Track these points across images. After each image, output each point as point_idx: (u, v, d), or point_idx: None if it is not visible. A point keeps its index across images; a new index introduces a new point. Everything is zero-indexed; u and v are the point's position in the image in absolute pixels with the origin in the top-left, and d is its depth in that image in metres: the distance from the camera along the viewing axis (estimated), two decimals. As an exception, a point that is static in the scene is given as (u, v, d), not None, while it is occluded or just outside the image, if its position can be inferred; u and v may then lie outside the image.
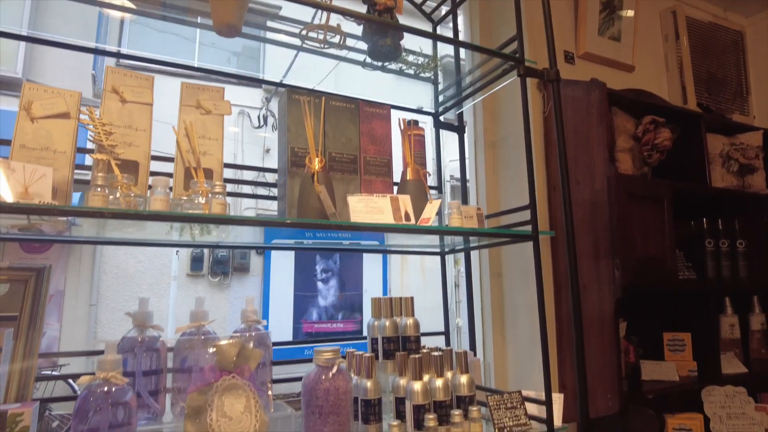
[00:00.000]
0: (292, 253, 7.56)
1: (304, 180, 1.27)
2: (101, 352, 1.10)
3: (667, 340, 1.86)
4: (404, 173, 1.43)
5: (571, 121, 1.75)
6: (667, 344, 1.86)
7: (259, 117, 7.67)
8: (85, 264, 6.77)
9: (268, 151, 7.74)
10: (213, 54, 7.79)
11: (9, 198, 0.95)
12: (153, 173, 1.29)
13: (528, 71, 1.51)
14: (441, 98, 1.90)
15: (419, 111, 1.84)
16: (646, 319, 1.92)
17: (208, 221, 1.04)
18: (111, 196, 1.01)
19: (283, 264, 7.53)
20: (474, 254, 1.95)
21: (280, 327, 7.25)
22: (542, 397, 1.41)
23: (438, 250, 1.79)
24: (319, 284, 7.70)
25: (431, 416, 1.25)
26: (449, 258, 1.85)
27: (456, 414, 1.28)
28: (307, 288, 7.59)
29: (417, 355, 1.34)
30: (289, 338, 7.39)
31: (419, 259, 8.04)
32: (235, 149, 7.54)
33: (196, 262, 6.94)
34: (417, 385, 1.30)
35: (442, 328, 1.82)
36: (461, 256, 1.99)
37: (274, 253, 7.45)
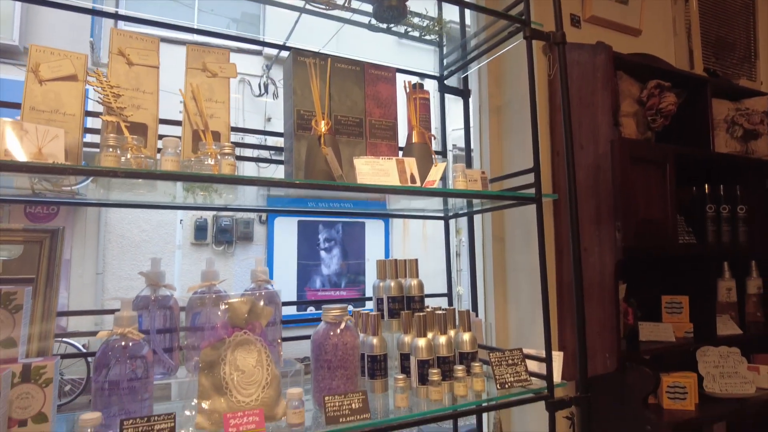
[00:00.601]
0: (295, 223, 7.62)
1: (311, 143, 1.28)
2: (114, 311, 1.14)
3: (665, 303, 1.91)
4: (409, 136, 1.44)
5: (576, 85, 1.74)
6: (665, 307, 1.90)
7: (260, 85, 7.60)
8: (90, 234, 6.83)
9: (269, 119, 7.70)
10: (212, 20, 7.66)
11: (23, 158, 0.97)
12: (161, 136, 1.30)
13: (534, 33, 1.50)
14: (446, 62, 1.89)
15: (424, 74, 1.83)
16: (645, 283, 1.96)
17: (219, 181, 1.06)
18: (123, 158, 1.03)
19: (287, 233, 7.59)
20: (477, 219, 1.97)
21: (285, 295, 7.36)
22: (542, 355, 1.46)
23: (442, 214, 1.81)
24: (323, 253, 7.78)
25: (435, 371, 1.30)
26: (452, 226, 1.87)
27: (459, 369, 1.33)
28: (310, 257, 7.67)
29: (421, 313, 1.38)
30: (294, 307, 7.52)
31: (421, 227, 8.09)
32: (236, 117, 7.49)
33: (200, 232, 7.00)
34: (421, 342, 1.35)
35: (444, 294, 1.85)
36: (463, 225, 2.01)
37: (277, 222, 7.50)
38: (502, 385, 1.37)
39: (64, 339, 5.17)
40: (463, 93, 1.90)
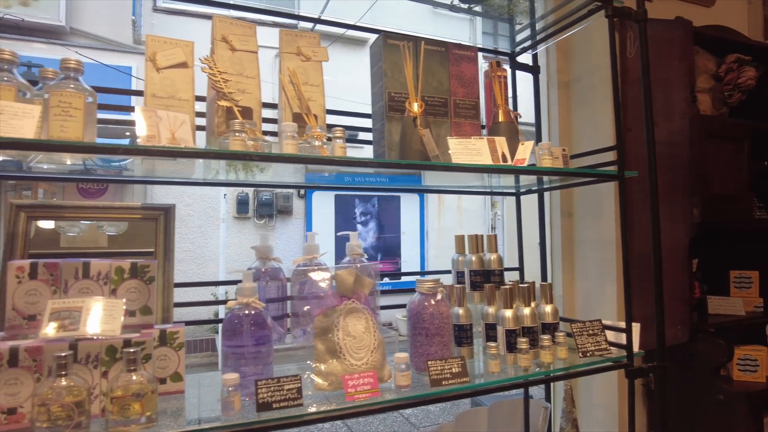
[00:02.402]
0: (332, 197, 7.73)
1: (405, 123, 1.34)
2: (235, 282, 1.25)
3: (733, 278, 1.93)
4: (495, 115, 1.48)
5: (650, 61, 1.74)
6: (734, 281, 1.93)
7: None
8: (137, 207, 7.08)
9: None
10: (247, -7, 7.61)
11: (164, 141, 1.06)
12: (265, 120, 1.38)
13: (616, 11, 1.51)
14: (516, 39, 1.90)
15: (495, 51, 1.86)
16: (712, 257, 1.98)
17: (340, 163, 1.13)
18: (250, 142, 1.11)
19: (324, 207, 7.73)
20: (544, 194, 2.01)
21: (323, 267, 7.54)
22: (617, 325, 1.52)
23: (514, 190, 1.86)
24: (359, 227, 7.90)
25: (523, 339, 1.37)
26: (487, 201, 1.92)
27: (545, 338, 1.41)
28: (347, 230, 7.80)
29: (507, 286, 1.45)
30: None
31: (455, 201, 8.12)
32: (274, 93, 7.57)
33: (241, 205, 7.18)
34: (508, 313, 1.42)
35: None
36: (498, 199, 2.05)
37: (315, 196, 7.63)
38: (584, 354, 1.44)
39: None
40: (534, 70, 1.92)
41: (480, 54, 1.72)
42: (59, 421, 0.94)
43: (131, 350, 0.98)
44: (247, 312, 1.17)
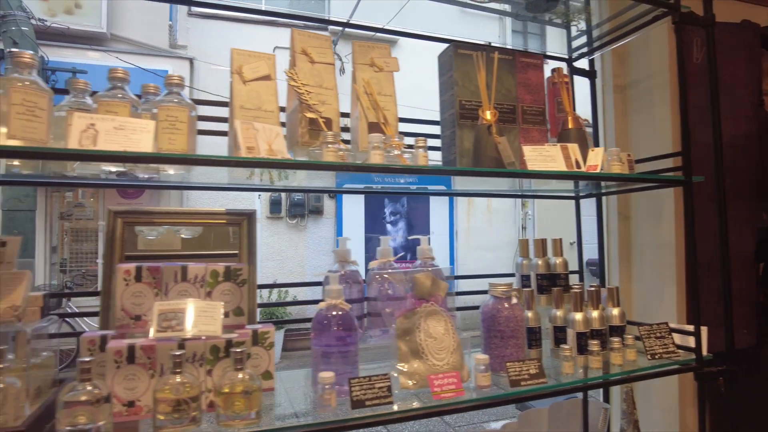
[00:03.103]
0: (361, 197, 7.81)
1: (479, 131, 1.38)
2: (315, 283, 1.31)
3: (795, 280, 1.92)
4: (565, 122, 1.51)
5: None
6: (796, 284, 1.92)
7: (327, 61, 7.71)
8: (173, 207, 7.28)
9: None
10: (275, -7, 7.72)
11: (263, 153, 1.12)
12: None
13: (683, 17, 1.52)
14: (573, 44, 1.92)
15: (552, 57, 1.88)
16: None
17: (430, 173, 1.18)
18: (341, 152, 1.17)
19: (354, 207, 7.81)
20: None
21: (354, 267, 7.62)
22: (684, 329, 1.53)
23: (573, 194, 1.89)
24: (388, 226, 7.96)
25: (595, 342, 1.40)
26: (517, 200, 1.94)
27: (615, 341, 1.43)
28: (376, 230, 7.87)
29: (576, 290, 1.48)
30: (362, 276, 7.75)
31: (485, 200, 8.11)
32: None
33: (274, 206, 7.31)
34: (578, 316, 1.45)
35: (511, 268, 1.90)
36: (529, 199, 2.06)
37: (345, 197, 7.71)
38: (652, 356, 1.46)
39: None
40: (591, 74, 1.94)
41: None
42: (175, 415, 1.01)
43: (238, 350, 1.05)
44: (334, 313, 1.23)
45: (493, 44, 1.93)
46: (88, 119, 0.99)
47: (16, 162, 1.06)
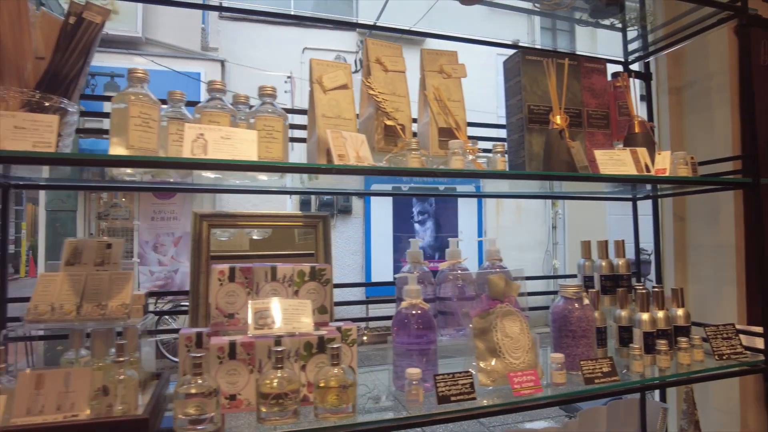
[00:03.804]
0: (389, 197, 7.87)
1: (551, 135, 1.41)
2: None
3: None
4: (631, 126, 1.53)
5: (776, 66, 1.75)
6: None
7: (355, 61, 7.79)
8: (206, 208, 7.44)
9: (364, 96, 7.90)
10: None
11: (353, 160, 1.18)
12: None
13: (751, 20, 1.53)
14: (629, 47, 1.94)
15: (610, 60, 1.90)
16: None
17: (511, 177, 1.23)
18: (423, 158, 1.21)
19: (382, 206, 7.86)
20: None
21: (382, 265, 7.69)
22: (750, 330, 1.55)
23: (630, 195, 1.91)
24: (416, 225, 8.00)
25: (663, 341, 1.43)
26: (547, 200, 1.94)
27: (683, 341, 1.46)
28: (404, 229, 7.92)
29: (641, 290, 1.51)
30: (390, 274, 7.83)
31: (515, 200, 8.09)
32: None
33: (304, 205, 7.41)
34: (645, 316, 1.48)
35: (541, 268, 1.94)
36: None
37: (373, 196, 7.78)
38: (720, 357, 1.48)
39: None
40: (646, 77, 1.96)
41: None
42: (277, 408, 1.07)
43: (335, 346, 1.11)
44: (414, 312, 1.28)
45: (521, 42, 1.96)
46: (197, 130, 1.05)
47: (128, 170, 1.13)
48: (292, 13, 7.76)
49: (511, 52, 1.59)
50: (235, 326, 1.25)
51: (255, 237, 1.77)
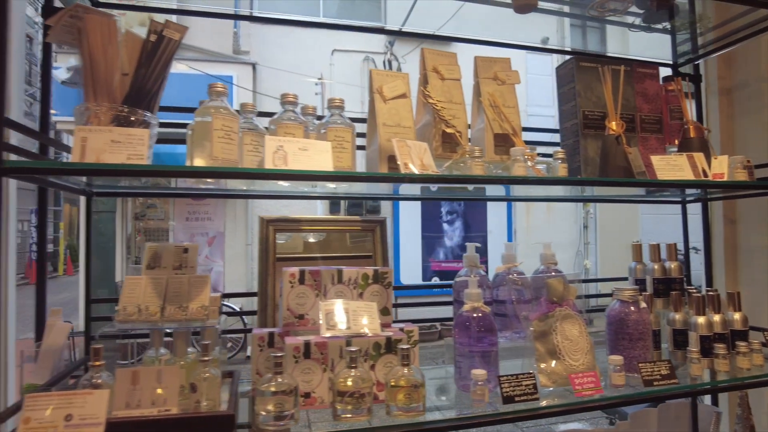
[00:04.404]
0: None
1: (607, 141, 1.44)
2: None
3: None
4: (686, 130, 1.54)
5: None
6: None
7: (384, 62, 7.84)
8: (239, 210, 7.61)
9: (392, 96, 7.94)
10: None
11: (417, 169, 1.23)
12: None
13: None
14: (679, 50, 1.94)
15: (660, 63, 1.90)
16: None
17: (570, 183, 1.25)
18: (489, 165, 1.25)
19: (411, 206, 7.89)
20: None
21: (411, 265, 7.73)
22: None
23: (679, 199, 1.91)
24: (445, 225, 8.01)
25: (721, 345, 1.44)
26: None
27: (742, 345, 1.46)
28: (433, 229, 7.95)
29: (695, 293, 1.52)
30: (419, 275, 7.87)
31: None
32: (363, 96, 7.83)
33: (334, 206, 7.50)
34: (701, 319, 1.49)
35: (572, 268, 1.94)
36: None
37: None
38: (779, 361, 1.48)
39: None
40: (696, 79, 1.95)
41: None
42: (349, 406, 1.12)
43: (405, 347, 1.16)
44: (475, 315, 1.32)
45: (550, 40, 1.97)
46: (276, 142, 1.11)
47: (210, 180, 1.20)
48: (320, 21, 7.84)
49: (539, 51, 1.61)
50: (304, 326, 1.31)
51: (311, 240, 1.84)
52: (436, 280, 7.78)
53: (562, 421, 4.74)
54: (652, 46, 2.11)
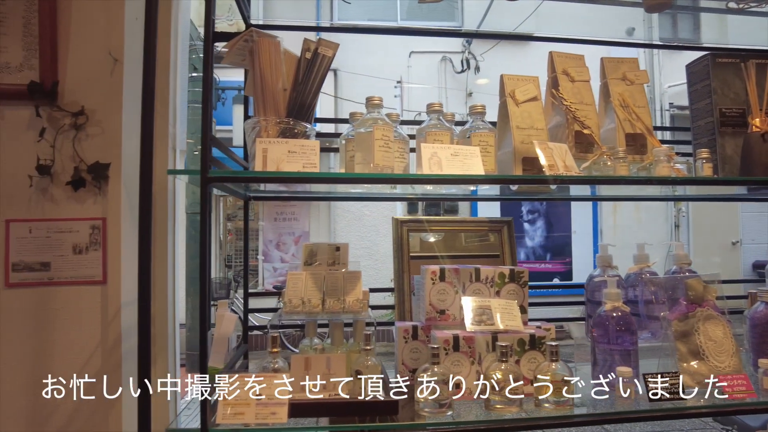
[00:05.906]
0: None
1: (751, 139, 1.40)
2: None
3: None
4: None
5: None
6: None
7: (462, 61, 7.83)
8: (323, 210, 7.91)
9: (470, 94, 7.91)
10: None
11: (561, 170, 1.27)
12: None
13: None
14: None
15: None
16: None
17: (711, 183, 1.25)
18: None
19: (489, 205, 7.82)
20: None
21: (490, 265, 7.66)
22: None
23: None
24: (526, 225, 7.86)
25: None
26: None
27: None
28: (514, 229, 7.82)
29: None
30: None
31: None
32: (439, 96, 7.87)
33: (412, 206, 7.60)
34: None
35: (662, 270, 1.78)
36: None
37: (480, 195, 7.77)
38: None
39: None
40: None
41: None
42: (499, 397, 1.19)
43: (554, 344, 1.20)
44: (615, 314, 1.34)
45: (637, 30, 1.90)
46: (431, 148, 1.20)
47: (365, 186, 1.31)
48: (398, 25, 7.94)
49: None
50: (445, 321, 1.39)
51: (432, 239, 1.92)
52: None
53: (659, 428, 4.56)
54: (752, 32, 2.00)
